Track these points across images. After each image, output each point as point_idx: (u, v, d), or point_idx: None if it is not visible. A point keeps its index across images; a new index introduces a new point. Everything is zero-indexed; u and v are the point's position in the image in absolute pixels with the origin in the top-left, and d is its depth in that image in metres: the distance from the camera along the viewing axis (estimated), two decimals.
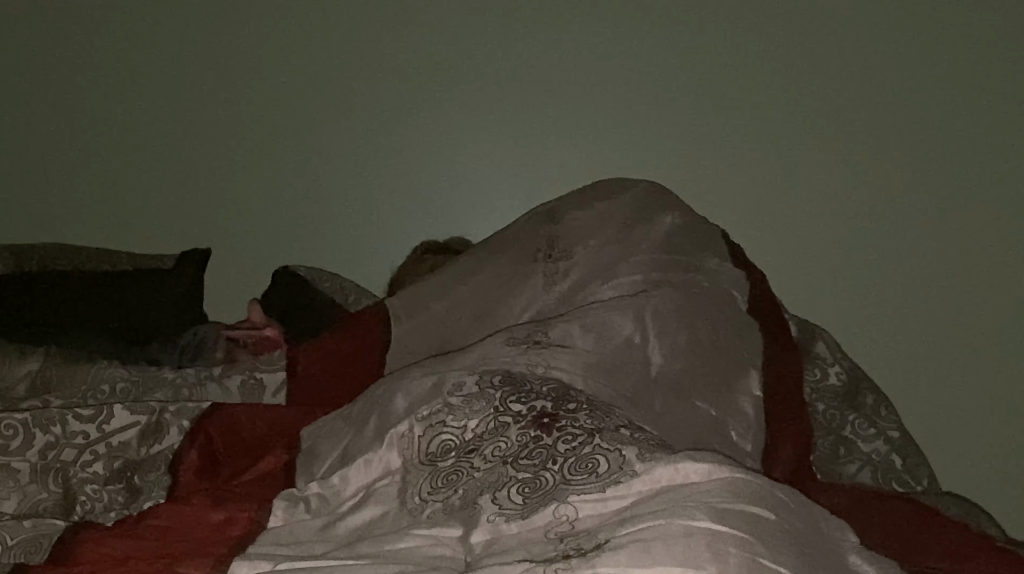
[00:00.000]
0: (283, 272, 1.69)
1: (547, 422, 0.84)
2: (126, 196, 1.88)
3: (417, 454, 0.87)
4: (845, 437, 1.17)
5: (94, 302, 1.61)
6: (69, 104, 1.86)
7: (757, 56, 1.79)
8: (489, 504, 0.76)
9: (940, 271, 1.81)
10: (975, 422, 1.71)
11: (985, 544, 0.83)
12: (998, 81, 1.76)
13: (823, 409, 1.18)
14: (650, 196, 1.37)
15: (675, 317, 1.11)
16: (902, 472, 1.15)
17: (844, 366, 1.24)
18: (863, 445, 1.17)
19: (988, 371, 1.80)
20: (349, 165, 1.86)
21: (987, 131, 1.77)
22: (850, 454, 1.15)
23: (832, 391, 1.21)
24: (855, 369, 1.26)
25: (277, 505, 0.85)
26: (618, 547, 0.63)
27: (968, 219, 1.79)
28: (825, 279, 1.70)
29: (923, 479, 1.16)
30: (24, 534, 0.81)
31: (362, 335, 1.23)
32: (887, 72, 1.78)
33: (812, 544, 0.69)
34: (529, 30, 1.81)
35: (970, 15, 1.74)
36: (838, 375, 1.23)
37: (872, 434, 1.17)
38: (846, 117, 1.79)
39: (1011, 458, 1.74)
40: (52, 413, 0.99)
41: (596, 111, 1.82)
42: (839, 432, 1.17)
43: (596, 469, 0.75)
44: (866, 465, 1.14)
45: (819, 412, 1.18)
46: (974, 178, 1.78)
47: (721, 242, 1.32)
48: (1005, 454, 1.70)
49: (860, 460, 1.15)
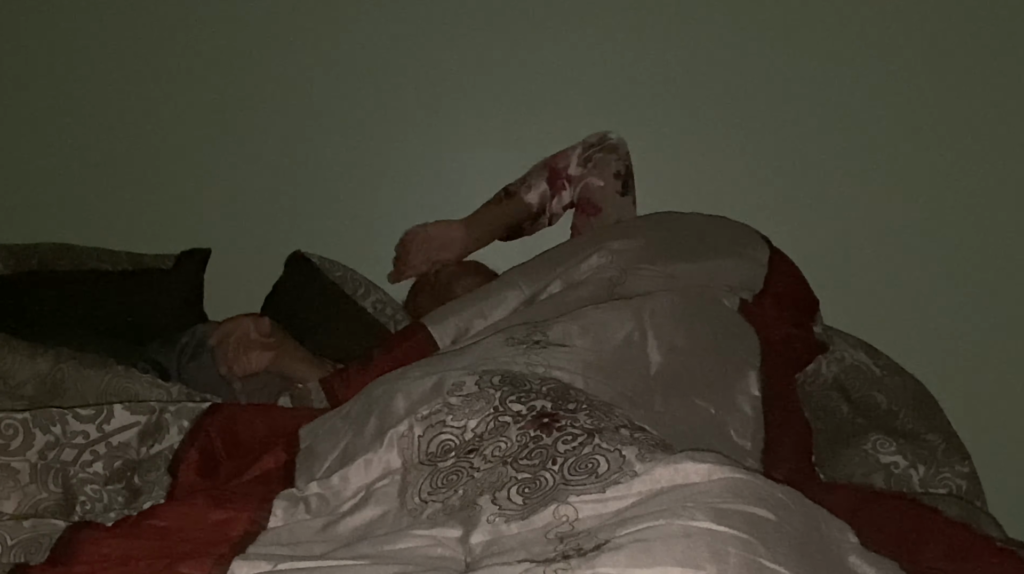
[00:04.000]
0: (295, 257, 1.69)
1: (547, 422, 0.84)
2: (126, 196, 1.88)
3: (417, 454, 0.87)
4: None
5: (94, 302, 1.61)
6: (69, 104, 1.86)
7: (757, 56, 1.79)
8: (489, 504, 0.76)
9: (939, 271, 1.81)
10: (976, 422, 1.71)
11: (985, 544, 0.83)
12: (1008, 78, 1.76)
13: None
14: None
15: (673, 318, 1.11)
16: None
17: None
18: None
19: (988, 371, 1.80)
20: (350, 165, 1.86)
21: (991, 130, 1.78)
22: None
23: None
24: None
25: (277, 505, 0.85)
26: (618, 547, 0.63)
27: (972, 218, 1.79)
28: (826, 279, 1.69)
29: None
30: (24, 534, 0.81)
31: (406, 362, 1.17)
32: (888, 72, 1.78)
33: (812, 544, 0.69)
34: (534, 27, 1.81)
35: (984, 10, 1.75)
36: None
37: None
38: (847, 118, 1.79)
39: (1011, 458, 1.74)
40: (52, 413, 0.99)
41: (597, 108, 1.82)
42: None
43: (596, 469, 0.75)
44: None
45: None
46: (979, 176, 1.79)
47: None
48: (1005, 454, 1.69)
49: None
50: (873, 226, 1.81)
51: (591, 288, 1.22)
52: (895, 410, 1.26)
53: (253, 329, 1.31)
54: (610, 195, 1.58)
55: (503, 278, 1.34)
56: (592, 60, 1.81)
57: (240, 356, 1.30)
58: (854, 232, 1.81)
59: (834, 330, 1.38)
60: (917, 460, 1.15)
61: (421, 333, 1.21)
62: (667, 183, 1.75)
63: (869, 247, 1.81)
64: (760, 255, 1.34)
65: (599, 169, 1.59)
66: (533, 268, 1.33)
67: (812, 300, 1.35)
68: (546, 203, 1.62)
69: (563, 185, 1.61)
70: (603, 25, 1.80)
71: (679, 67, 1.80)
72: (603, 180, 1.58)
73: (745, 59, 1.79)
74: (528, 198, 1.62)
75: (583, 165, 1.60)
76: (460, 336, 1.21)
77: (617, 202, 1.58)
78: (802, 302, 1.33)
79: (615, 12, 1.80)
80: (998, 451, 1.55)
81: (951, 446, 1.20)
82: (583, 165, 1.60)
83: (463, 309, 1.25)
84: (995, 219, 1.79)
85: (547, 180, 1.61)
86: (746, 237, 1.39)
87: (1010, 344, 1.81)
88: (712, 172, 1.82)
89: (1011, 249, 1.80)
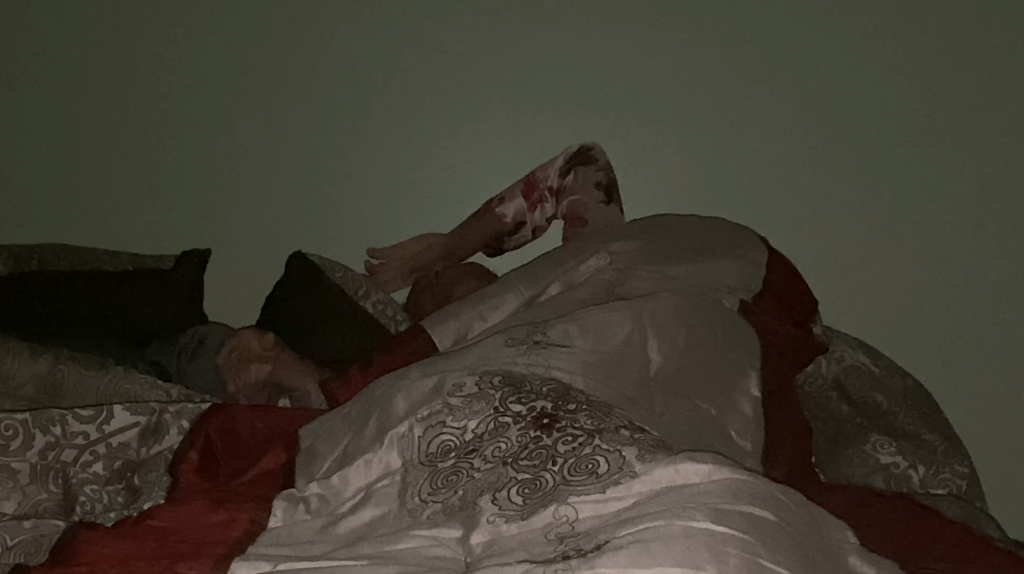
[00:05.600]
0: (296, 257, 1.70)
1: (547, 423, 0.84)
2: (126, 196, 1.88)
3: (417, 455, 0.87)
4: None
5: (94, 302, 1.61)
6: (69, 104, 1.86)
7: (755, 55, 1.79)
8: (489, 505, 0.76)
9: (938, 272, 1.81)
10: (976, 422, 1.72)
11: (985, 545, 0.83)
12: (1009, 78, 1.76)
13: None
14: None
15: (673, 319, 1.11)
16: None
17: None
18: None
19: (988, 371, 1.80)
20: (350, 165, 1.86)
21: (991, 130, 1.78)
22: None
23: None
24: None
25: (277, 505, 0.85)
26: (618, 548, 0.63)
27: (971, 218, 1.79)
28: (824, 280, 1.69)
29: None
30: (24, 534, 0.81)
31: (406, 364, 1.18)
32: (886, 73, 1.78)
33: (812, 545, 0.69)
34: (535, 28, 1.81)
35: (984, 11, 1.75)
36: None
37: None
38: (845, 119, 1.79)
39: (1011, 458, 1.74)
40: (52, 414, 0.99)
41: (598, 109, 1.82)
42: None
43: (596, 470, 0.75)
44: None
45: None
46: (979, 177, 1.79)
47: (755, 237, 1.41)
48: (1005, 454, 1.69)
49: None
50: (872, 227, 1.81)
51: (590, 290, 1.22)
52: (895, 410, 1.26)
53: (256, 343, 1.31)
54: (593, 206, 1.60)
55: (502, 281, 1.34)
56: (593, 60, 1.81)
57: (241, 369, 1.30)
58: (853, 233, 1.81)
59: (833, 331, 1.38)
60: (917, 460, 1.15)
61: (421, 336, 1.21)
62: (666, 184, 1.75)
63: (868, 248, 1.81)
64: (759, 256, 1.34)
65: (580, 183, 1.61)
66: (532, 270, 1.33)
67: (811, 301, 1.35)
68: (522, 217, 1.66)
69: (542, 197, 1.64)
70: (604, 25, 1.80)
71: (678, 67, 1.80)
72: (585, 193, 1.61)
73: (742, 58, 1.79)
74: (500, 210, 1.66)
75: (563, 176, 1.63)
76: (460, 339, 1.21)
77: (602, 211, 1.59)
78: (801, 303, 1.33)
79: (614, 12, 1.80)
80: (998, 451, 1.55)
81: (951, 446, 1.20)
82: (563, 176, 1.63)
83: (463, 312, 1.25)
84: (995, 219, 1.79)
85: (522, 193, 1.65)
86: (744, 238, 1.39)
87: (1010, 344, 1.81)
88: (711, 173, 1.82)
89: (1011, 249, 1.80)
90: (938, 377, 1.40)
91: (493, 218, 1.67)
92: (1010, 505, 1.28)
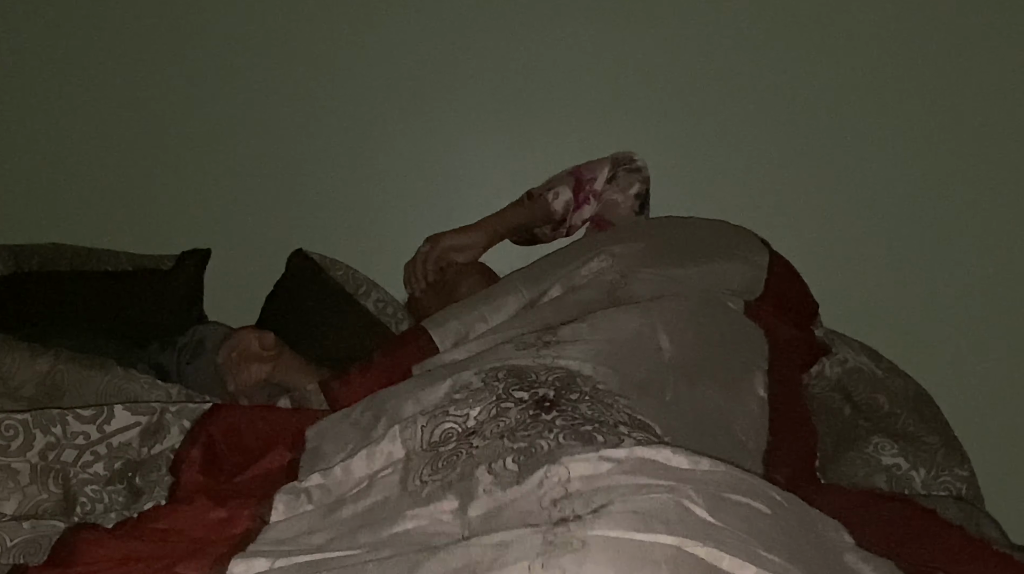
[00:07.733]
0: (297, 256, 1.69)
1: (548, 406, 0.84)
2: (126, 196, 1.88)
3: (420, 443, 0.87)
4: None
5: (94, 302, 1.62)
6: (69, 104, 1.86)
7: (757, 58, 1.79)
8: (485, 475, 0.75)
9: (938, 274, 1.81)
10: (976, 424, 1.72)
11: (981, 548, 0.84)
12: (1009, 79, 1.77)
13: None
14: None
15: (681, 317, 1.11)
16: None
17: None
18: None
19: (988, 373, 1.80)
20: (350, 165, 1.86)
21: (991, 132, 1.78)
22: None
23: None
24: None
25: (279, 499, 0.85)
26: (614, 513, 0.63)
27: (971, 220, 1.80)
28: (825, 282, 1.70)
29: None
30: (24, 535, 0.81)
31: (407, 365, 1.17)
32: (889, 75, 1.79)
33: (806, 541, 0.69)
34: (535, 28, 1.81)
35: (984, 11, 1.75)
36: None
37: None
38: (848, 122, 1.80)
39: (1011, 460, 1.74)
40: (52, 414, 0.99)
41: (599, 109, 1.82)
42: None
43: (592, 441, 0.76)
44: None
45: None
46: (979, 178, 1.79)
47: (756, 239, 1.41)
48: (1005, 456, 1.70)
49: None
50: (872, 230, 1.81)
51: (591, 292, 1.22)
52: (897, 412, 1.26)
53: (255, 342, 1.31)
54: (626, 213, 1.59)
55: (504, 282, 1.34)
56: (595, 60, 1.81)
57: (241, 369, 1.30)
58: (853, 236, 1.81)
59: (835, 333, 1.38)
60: (918, 462, 1.15)
61: (422, 336, 1.21)
62: (666, 185, 1.74)
63: (868, 250, 1.81)
64: (760, 259, 1.34)
65: (621, 186, 1.60)
66: (534, 272, 1.33)
67: (812, 303, 1.35)
68: (568, 212, 1.62)
69: (587, 199, 1.61)
70: (604, 26, 1.80)
71: (678, 68, 1.80)
72: (623, 197, 1.60)
73: (745, 61, 1.79)
74: (554, 204, 1.61)
75: (609, 182, 1.61)
76: (461, 339, 1.21)
77: (630, 221, 1.59)
78: (802, 305, 1.33)
79: (614, 13, 1.80)
80: (998, 453, 1.55)
81: (950, 449, 1.20)
82: (609, 182, 1.61)
83: (464, 313, 1.25)
84: (995, 221, 1.79)
85: (572, 189, 1.61)
86: (746, 241, 1.39)
87: (1010, 346, 1.81)
88: (711, 175, 1.82)
89: (1011, 251, 1.80)
90: (938, 379, 1.40)
91: (545, 208, 1.61)
92: (1010, 506, 1.28)
